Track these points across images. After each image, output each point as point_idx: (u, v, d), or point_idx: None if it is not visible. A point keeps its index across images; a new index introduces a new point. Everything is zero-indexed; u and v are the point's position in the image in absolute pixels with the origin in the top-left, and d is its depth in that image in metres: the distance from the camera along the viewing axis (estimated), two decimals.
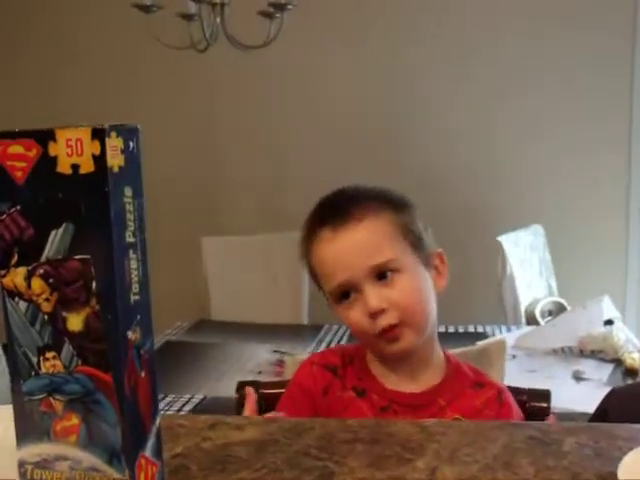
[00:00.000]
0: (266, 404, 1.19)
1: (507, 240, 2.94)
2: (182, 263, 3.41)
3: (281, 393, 1.20)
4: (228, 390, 2.04)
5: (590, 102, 3.24)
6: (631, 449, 0.67)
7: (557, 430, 0.74)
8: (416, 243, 1.03)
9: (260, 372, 2.25)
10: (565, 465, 0.67)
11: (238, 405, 1.20)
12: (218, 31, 2.29)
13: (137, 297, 0.60)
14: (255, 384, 1.22)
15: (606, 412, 1.03)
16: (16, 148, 0.58)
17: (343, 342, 2.50)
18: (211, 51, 2.36)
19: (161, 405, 1.85)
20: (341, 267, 1.00)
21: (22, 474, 0.63)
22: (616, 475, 0.62)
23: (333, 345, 2.53)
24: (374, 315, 0.98)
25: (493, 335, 2.56)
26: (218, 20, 2.24)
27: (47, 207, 0.58)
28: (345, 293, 1.01)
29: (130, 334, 0.59)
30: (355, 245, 1.00)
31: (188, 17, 2.34)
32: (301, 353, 2.39)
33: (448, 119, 3.37)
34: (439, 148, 3.39)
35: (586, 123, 3.27)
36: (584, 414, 1.79)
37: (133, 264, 0.59)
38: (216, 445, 0.74)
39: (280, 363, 2.26)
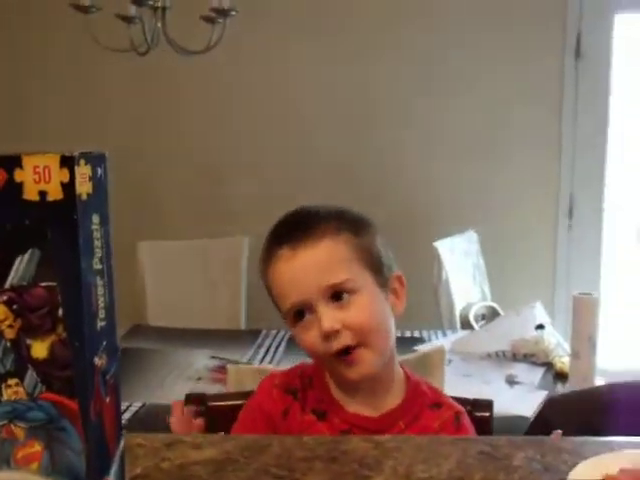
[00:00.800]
0: (213, 417, 1.20)
1: (442, 246, 3.00)
2: (117, 268, 3.35)
3: (228, 406, 1.21)
4: (168, 397, 2.03)
5: (520, 108, 3.34)
6: (575, 463, 0.71)
7: (507, 444, 0.77)
8: (374, 265, 1.03)
9: (199, 378, 2.24)
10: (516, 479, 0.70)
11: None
12: (159, 35, 2.26)
13: (103, 323, 0.60)
14: (202, 397, 1.23)
15: (547, 421, 1.07)
16: None
17: (282, 347, 2.51)
18: (152, 55, 2.33)
19: None
20: (296, 287, 1.00)
21: None
22: None
23: (272, 350, 2.53)
24: (327, 336, 0.97)
25: (429, 340, 2.61)
26: (159, 24, 2.22)
27: (13, 233, 0.58)
28: (300, 313, 1.00)
29: (97, 360, 0.59)
30: (312, 264, 1.00)
31: (128, 19, 2.31)
32: (241, 359, 2.39)
33: (384, 126, 3.41)
34: (375, 155, 3.43)
35: (518, 132, 3.36)
36: (519, 417, 1.86)
37: (100, 290, 0.59)
38: (175, 465, 0.74)
39: (220, 369, 2.25)
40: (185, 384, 2.19)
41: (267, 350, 2.54)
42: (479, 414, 1.13)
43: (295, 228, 1.03)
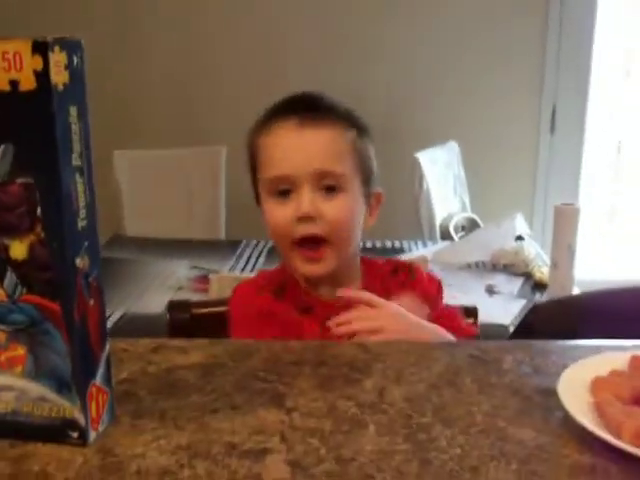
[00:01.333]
0: (197, 324, 1.18)
1: (424, 156, 2.97)
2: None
3: (212, 313, 1.19)
4: (149, 306, 2.03)
5: (504, 18, 3.25)
6: (564, 365, 0.70)
7: (496, 349, 0.77)
8: (365, 173, 1.03)
9: (180, 288, 2.22)
10: (506, 382, 0.70)
11: (170, 325, 1.19)
12: None
13: (84, 223, 0.57)
14: (185, 304, 1.21)
15: (532, 328, 1.08)
16: None
17: (262, 258, 2.50)
18: None
19: None
20: (292, 158, 0.98)
21: None
22: (554, 389, 0.65)
23: (252, 260, 2.52)
24: (302, 219, 0.96)
25: (410, 250, 2.61)
26: None
27: None
28: (282, 189, 0.99)
29: (78, 261, 0.57)
30: (315, 143, 0.98)
31: None
32: (221, 269, 2.38)
33: (366, 36, 3.31)
34: (357, 65, 3.35)
35: (502, 43, 3.28)
36: (498, 325, 1.88)
37: (80, 188, 0.56)
38: (162, 369, 0.73)
39: (201, 279, 2.24)
40: (166, 293, 2.18)
41: (247, 260, 2.52)
42: (465, 320, 1.13)
43: (307, 106, 1.01)
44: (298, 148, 0.98)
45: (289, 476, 0.55)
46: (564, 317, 1.10)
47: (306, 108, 1.00)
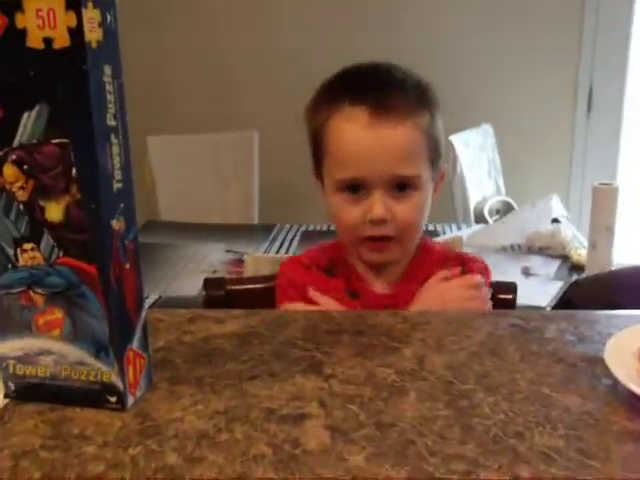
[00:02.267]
0: (233, 301, 1.18)
1: (457, 139, 2.93)
2: None
3: (247, 289, 1.19)
4: (184, 289, 2.04)
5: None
6: (609, 334, 0.68)
7: (538, 318, 0.75)
8: (434, 157, 0.97)
9: (215, 271, 2.23)
10: (550, 350, 0.68)
11: (206, 303, 1.18)
12: None
13: (120, 185, 0.56)
14: (220, 281, 1.21)
15: (571, 302, 1.05)
16: None
17: (295, 242, 2.49)
18: None
19: None
20: (365, 162, 0.92)
21: (4, 369, 0.61)
22: (600, 358, 0.63)
23: (287, 243, 2.52)
24: (374, 223, 0.93)
25: (444, 233, 2.59)
26: None
27: (17, 86, 0.53)
28: (352, 188, 0.94)
29: (114, 223, 0.56)
30: (390, 146, 0.91)
31: None
32: (255, 252, 2.38)
33: (398, 18, 3.28)
34: (391, 48, 3.31)
35: (536, 23, 3.22)
36: (535, 307, 1.85)
37: (115, 149, 0.55)
38: (198, 338, 0.73)
39: (235, 262, 2.24)
40: (200, 277, 2.17)
41: (281, 243, 2.52)
42: (502, 296, 1.11)
43: (377, 90, 0.92)
44: (371, 151, 0.91)
45: (329, 441, 0.54)
46: (604, 292, 1.07)
47: (376, 94, 0.92)
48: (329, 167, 0.97)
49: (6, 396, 0.61)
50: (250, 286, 1.18)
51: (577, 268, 2.16)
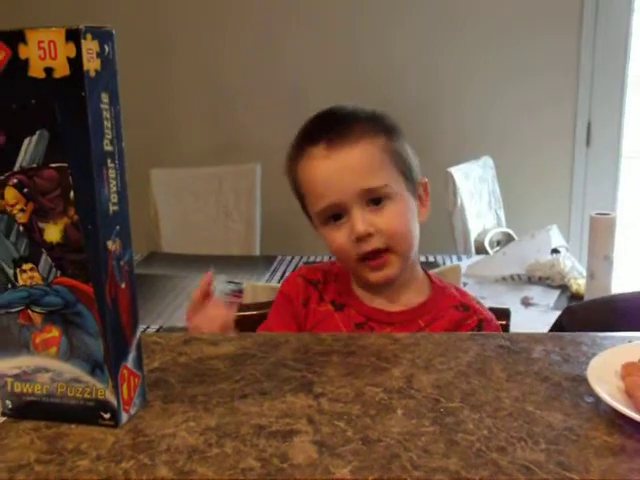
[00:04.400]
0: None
1: (458, 171, 2.97)
2: (131, 195, 3.34)
3: (245, 316, 1.21)
4: (184, 321, 2.05)
5: (538, 31, 3.24)
6: (595, 354, 0.70)
7: (525, 339, 0.77)
8: (406, 171, 1.02)
9: None
10: (535, 370, 0.69)
11: None
12: None
13: (116, 207, 0.59)
14: None
15: (564, 329, 1.07)
16: None
17: None
18: None
19: None
20: (333, 188, 0.98)
21: (2, 387, 0.62)
22: (584, 377, 0.65)
23: (287, 275, 2.53)
24: (360, 239, 0.97)
25: (444, 264, 2.60)
26: None
27: (20, 113, 0.56)
28: (333, 215, 0.99)
29: (110, 244, 0.58)
30: (350, 167, 0.97)
31: None
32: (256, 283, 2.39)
33: (395, 52, 3.34)
34: (388, 81, 3.37)
35: (536, 56, 3.27)
36: None
37: (112, 173, 0.58)
38: (192, 359, 0.74)
39: (236, 293, 2.26)
40: None
41: (283, 275, 2.54)
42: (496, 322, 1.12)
43: (331, 126, 1.00)
44: (334, 176, 0.98)
45: (316, 455, 0.55)
46: (597, 319, 1.08)
47: (330, 130, 0.99)
48: (310, 205, 1.03)
49: (3, 414, 0.63)
50: (246, 313, 1.20)
51: (576, 298, 2.17)
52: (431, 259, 2.67)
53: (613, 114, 3.28)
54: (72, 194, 0.56)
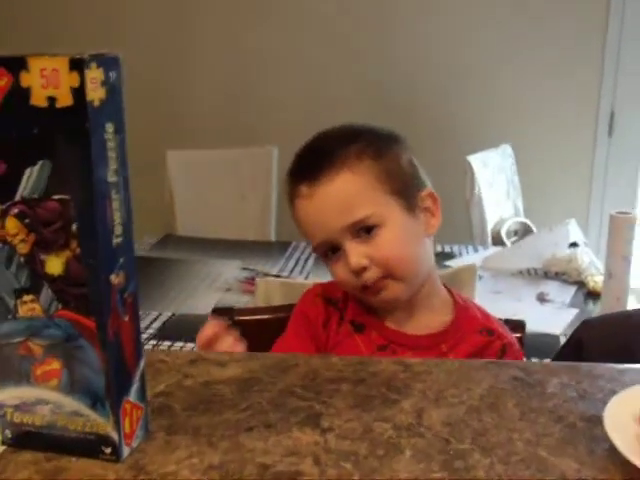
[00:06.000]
0: (241, 331, 1.18)
1: (476, 160, 2.92)
2: (147, 177, 3.32)
3: (255, 320, 1.19)
4: (197, 307, 2.05)
5: (563, 18, 3.18)
6: (612, 390, 0.68)
7: (540, 370, 0.74)
8: (400, 189, 0.97)
9: (229, 289, 2.23)
10: (550, 407, 0.67)
11: None
12: None
13: (120, 239, 0.57)
14: (230, 311, 1.21)
15: (581, 343, 1.04)
16: None
17: (311, 260, 2.49)
18: None
19: None
20: (318, 227, 0.97)
21: (1, 416, 0.61)
22: (600, 417, 0.63)
23: (301, 262, 2.52)
24: (356, 273, 0.95)
25: (460, 255, 2.57)
26: None
27: (21, 142, 0.54)
28: (329, 249, 0.98)
29: (113, 278, 0.56)
30: (330, 203, 0.95)
31: None
32: (270, 270, 2.38)
33: (417, 38, 3.28)
34: (407, 66, 3.32)
35: (558, 40, 3.21)
36: (549, 335, 1.83)
37: (115, 205, 0.56)
38: (198, 383, 0.73)
39: (249, 281, 2.24)
40: (215, 294, 2.20)
41: (297, 262, 2.53)
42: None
43: (312, 161, 0.97)
44: (318, 214, 0.96)
45: None
46: (614, 333, 1.06)
47: (311, 166, 0.96)
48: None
49: (3, 443, 0.61)
50: (258, 317, 1.19)
51: (593, 295, 2.14)
52: (447, 249, 2.65)
53: (637, 104, 3.22)
54: (74, 227, 0.54)
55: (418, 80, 3.29)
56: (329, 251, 0.98)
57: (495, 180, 3.06)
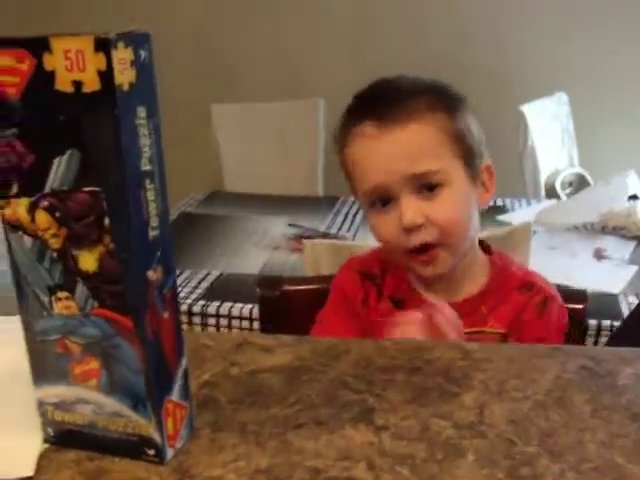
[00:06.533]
0: (288, 302, 1.15)
1: (529, 109, 2.80)
2: (193, 131, 3.29)
3: (303, 290, 1.16)
4: (245, 266, 2.02)
5: None
6: None
7: (610, 359, 0.69)
8: (467, 155, 0.92)
9: (276, 248, 2.20)
10: (623, 404, 0.62)
11: (261, 301, 1.16)
12: None
13: (156, 232, 0.53)
14: (276, 280, 1.18)
15: None
16: (5, 60, 0.49)
17: (359, 216, 2.44)
18: None
19: (178, 281, 1.80)
20: (380, 169, 0.90)
21: (42, 414, 0.59)
22: None
23: (350, 217, 2.47)
24: (408, 230, 0.89)
25: (513, 209, 2.49)
26: None
27: (47, 130, 0.50)
28: (381, 199, 0.92)
29: (150, 274, 0.52)
30: (400, 146, 0.88)
31: None
32: (318, 227, 2.34)
33: None
34: (464, 13, 3.18)
35: None
36: (606, 294, 1.76)
37: (150, 195, 0.52)
38: (244, 372, 0.69)
39: (297, 238, 2.21)
40: (262, 252, 2.17)
41: (345, 218, 2.48)
42: (572, 305, 1.04)
43: (380, 101, 0.90)
44: (382, 154, 0.89)
45: None
46: None
47: (379, 105, 0.90)
48: (357, 187, 0.95)
49: (45, 441, 0.59)
50: (305, 287, 1.15)
51: None
52: (499, 203, 2.57)
53: None
54: (107, 221, 0.50)
55: (468, 27, 3.16)
56: (379, 201, 0.92)
57: (549, 129, 2.94)
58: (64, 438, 0.58)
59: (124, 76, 0.48)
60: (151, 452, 0.56)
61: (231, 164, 3.06)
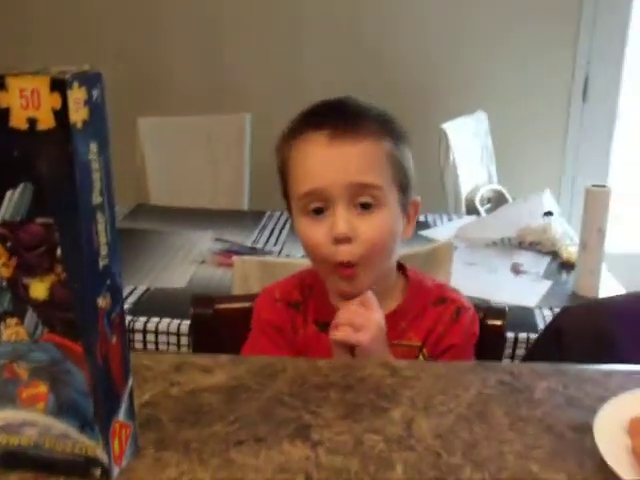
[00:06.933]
0: (220, 320, 1.17)
1: (451, 127, 2.91)
2: (118, 144, 3.25)
3: (236, 308, 1.18)
4: (173, 281, 2.03)
5: None
6: (600, 396, 0.68)
7: (527, 373, 0.75)
8: (403, 185, 0.97)
9: (203, 262, 2.21)
10: (538, 416, 0.68)
11: (193, 320, 1.18)
12: None
13: (106, 261, 0.55)
14: (208, 299, 1.20)
15: (560, 331, 1.05)
16: None
17: (285, 230, 2.47)
18: None
19: None
20: (324, 173, 0.92)
21: None
22: (589, 426, 0.63)
23: (276, 232, 2.49)
24: (337, 241, 0.92)
25: (435, 225, 2.58)
26: None
27: (1, 165, 0.52)
28: (315, 206, 0.93)
29: (100, 301, 0.55)
30: (348, 158, 0.91)
31: None
32: (244, 241, 2.36)
33: (387, 6, 3.23)
34: (385, 33, 3.27)
35: (533, 9, 3.18)
36: (523, 308, 1.85)
37: (101, 226, 0.54)
38: (184, 392, 0.72)
39: (224, 253, 2.22)
40: (189, 267, 2.17)
41: (271, 232, 2.51)
42: (491, 322, 1.11)
43: (339, 116, 0.94)
44: (330, 161, 0.92)
45: None
46: (594, 320, 1.07)
47: (338, 118, 0.93)
48: (292, 188, 0.97)
49: None
50: (238, 305, 1.17)
51: (567, 266, 2.16)
52: (422, 219, 2.64)
53: (611, 69, 3.22)
54: (59, 251, 0.53)
55: (393, 46, 3.25)
56: (312, 209, 0.94)
57: (469, 145, 3.06)
58: (8, 460, 0.60)
59: (78, 114, 0.50)
60: (97, 472, 0.58)
61: (157, 177, 3.05)
